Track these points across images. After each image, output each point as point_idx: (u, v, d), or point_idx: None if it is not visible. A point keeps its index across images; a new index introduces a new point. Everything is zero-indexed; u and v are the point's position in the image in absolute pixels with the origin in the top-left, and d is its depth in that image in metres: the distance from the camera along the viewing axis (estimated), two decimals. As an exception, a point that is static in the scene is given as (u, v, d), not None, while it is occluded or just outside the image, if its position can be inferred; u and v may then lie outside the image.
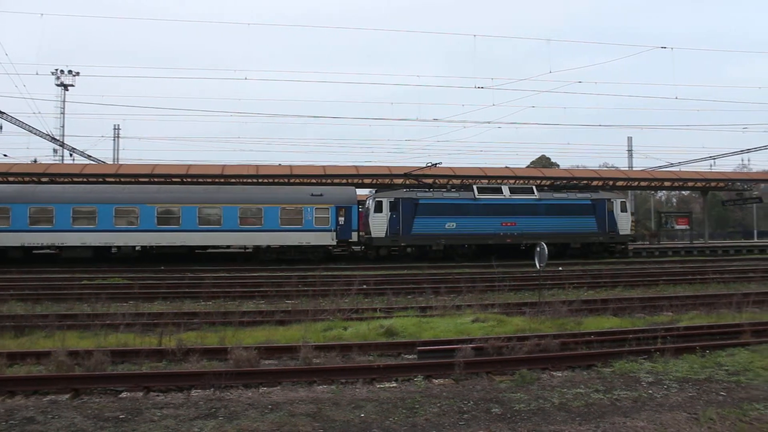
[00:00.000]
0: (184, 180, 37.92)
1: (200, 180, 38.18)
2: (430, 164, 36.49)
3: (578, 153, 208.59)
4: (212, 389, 8.09)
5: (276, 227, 33.05)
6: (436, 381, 8.59)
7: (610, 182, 44.38)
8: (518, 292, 19.09)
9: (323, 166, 40.41)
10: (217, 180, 38.01)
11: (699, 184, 47.12)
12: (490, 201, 35.24)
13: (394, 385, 8.42)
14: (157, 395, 7.95)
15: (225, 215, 32.79)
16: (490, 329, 11.82)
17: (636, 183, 46.50)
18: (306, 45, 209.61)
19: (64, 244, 31.62)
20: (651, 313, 15.01)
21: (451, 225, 34.48)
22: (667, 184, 46.41)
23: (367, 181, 40.88)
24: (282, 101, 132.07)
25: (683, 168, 55.92)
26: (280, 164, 43.19)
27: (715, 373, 8.80)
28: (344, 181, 39.26)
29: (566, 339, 10.55)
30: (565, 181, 41.54)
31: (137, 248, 32.88)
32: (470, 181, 40.05)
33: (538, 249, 15.06)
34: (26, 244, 31.49)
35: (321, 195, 34.28)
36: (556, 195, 36.95)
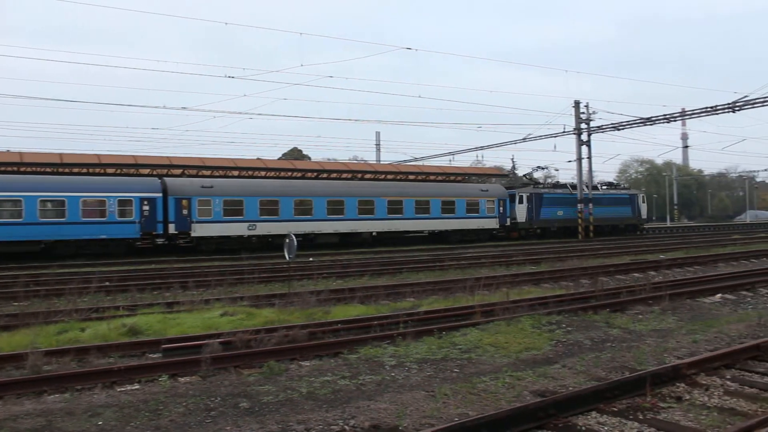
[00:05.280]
0: None
1: None
2: (535, 168, 53.97)
3: (329, 146, 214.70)
4: None
5: (463, 215, 43.33)
6: (182, 379, 8.24)
7: (359, 174, 46.28)
8: (269, 283, 19.10)
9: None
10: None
11: (440, 178, 50.80)
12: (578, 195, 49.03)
13: (137, 387, 7.93)
14: None
15: (432, 206, 41.94)
16: (239, 322, 11.67)
17: (383, 176, 48.88)
18: (44, 21, 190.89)
19: (321, 232, 37.47)
20: (395, 299, 15.73)
21: (560, 212, 48.44)
22: (411, 177, 49.39)
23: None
24: (12, 80, 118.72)
25: (427, 162, 60.10)
26: (8, 150, 39.30)
27: (450, 352, 9.45)
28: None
29: (314, 328, 10.72)
30: (317, 173, 44.15)
31: (373, 234, 39.84)
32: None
33: (287, 240, 15.17)
34: (292, 232, 30.56)
35: (487, 191, 45.49)
36: (611, 191, 54.19)
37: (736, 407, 6.64)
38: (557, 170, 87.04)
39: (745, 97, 39.75)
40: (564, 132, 50.51)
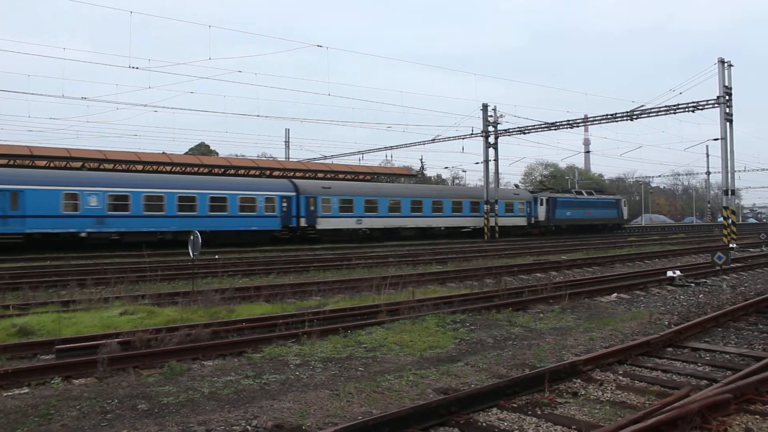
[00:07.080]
0: None
1: None
2: (545, 176, 65.40)
3: (238, 142, 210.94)
4: None
5: (502, 214, 51.72)
6: (76, 381, 7.88)
7: (267, 171, 45.79)
8: (172, 281, 18.58)
9: None
10: None
11: (349, 177, 50.88)
12: (581, 199, 60.03)
13: (26, 390, 7.52)
14: None
15: (481, 207, 50.37)
16: (140, 321, 11.29)
17: (292, 173, 48.54)
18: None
19: (406, 227, 44.80)
20: (301, 298, 15.55)
21: (568, 213, 57.56)
22: (320, 175, 49.26)
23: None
24: None
25: (336, 161, 60.03)
26: None
27: (355, 351, 9.45)
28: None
29: (218, 327, 10.50)
30: (224, 169, 43.96)
31: (442, 228, 47.40)
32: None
33: (191, 238, 14.81)
34: (386, 227, 43.79)
35: (518, 194, 55.85)
36: (602, 195, 65.14)
37: (626, 400, 6.94)
38: (464, 171, 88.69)
39: (642, 106, 41.81)
40: (472, 134, 51.49)
